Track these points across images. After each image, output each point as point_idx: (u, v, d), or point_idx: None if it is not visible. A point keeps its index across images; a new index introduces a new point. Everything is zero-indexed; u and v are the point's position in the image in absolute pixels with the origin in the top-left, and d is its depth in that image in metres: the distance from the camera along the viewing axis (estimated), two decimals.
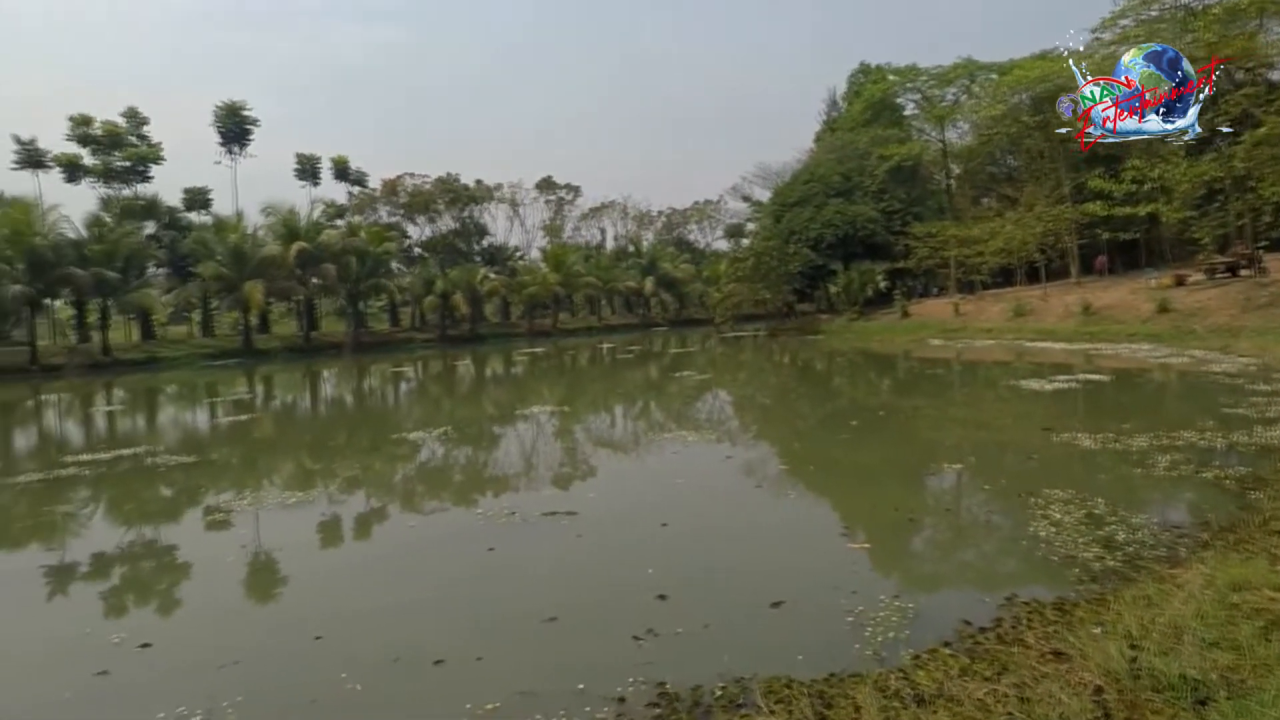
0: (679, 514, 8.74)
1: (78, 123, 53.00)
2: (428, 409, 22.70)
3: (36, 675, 5.63)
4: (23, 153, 51.91)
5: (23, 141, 51.97)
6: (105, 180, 54.25)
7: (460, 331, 57.98)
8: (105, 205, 52.63)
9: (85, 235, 46.05)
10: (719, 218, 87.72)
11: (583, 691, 4.69)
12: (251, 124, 59.60)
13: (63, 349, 45.96)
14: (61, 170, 53.11)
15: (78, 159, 53.39)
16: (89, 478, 13.07)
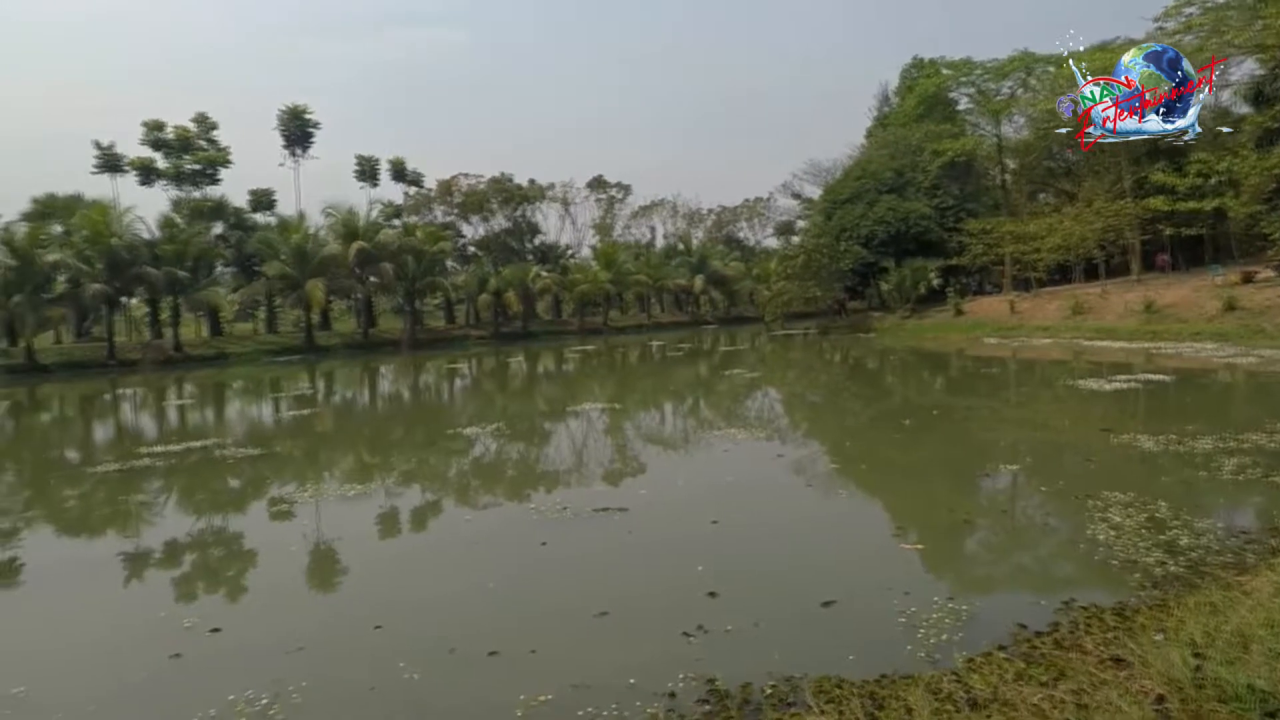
0: (729, 512, 8.71)
1: (151, 128, 54.83)
2: (481, 405, 22.98)
3: (115, 656, 5.86)
4: (102, 157, 53.91)
5: (102, 147, 53.97)
6: (176, 183, 55.99)
7: (513, 329, 58.54)
8: (176, 207, 54.37)
9: (158, 236, 47.66)
10: (769, 215, 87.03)
11: (634, 686, 4.71)
12: (313, 127, 60.91)
13: (138, 345, 47.65)
14: (136, 174, 54.98)
15: (151, 162, 55.21)
16: (162, 468, 13.54)
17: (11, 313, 40.38)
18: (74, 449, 18.00)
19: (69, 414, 26.29)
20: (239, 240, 55.82)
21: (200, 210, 54.79)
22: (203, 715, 4.61)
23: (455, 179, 68.92)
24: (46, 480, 14.04)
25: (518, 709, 4.52)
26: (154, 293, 46.87)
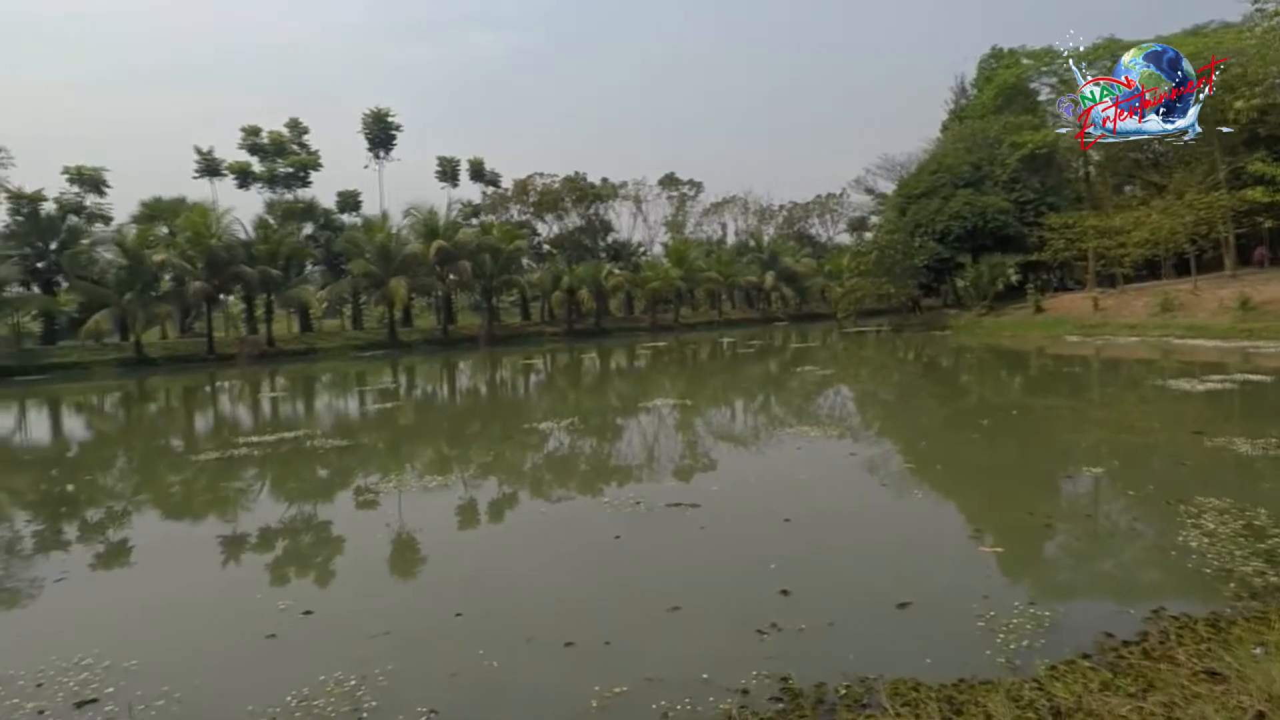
0: (801, 510, 8.61)
1: (248, 133, 57.22)
2: (555, 400, 23.24)
3: (215, 635, 6.13)
4: (202, 162, 56.53)
5: (202, 152, 56.60)
6: (270, 185, 58.31)
7: (586, 325, 59.02)
8: (270, 208, 56.60)
9: (253, 236, 49.70)
10: (841, 211, 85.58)
11: (707, 681, 4.70)
12: (395, 129, 62.52)
13: (234, 340, 49.76)
14: (234, 177, 57.45)
15: (248, 166, 57.63)
16: (257, 457, 14.12)
17: (124, 310, 42.71)
18: (178, 438, 18.92)
19: (174, 405, 27.65)
20: (327, 240, 57.80)
21: (292, 211, 56.91)
22: (296, 694, 4.78)
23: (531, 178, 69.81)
24: (154, 466, 14.81)
25: (593, 700, 4.56)
26: (249, 290, 48.92)
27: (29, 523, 10.88)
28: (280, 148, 57.94)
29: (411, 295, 53.86)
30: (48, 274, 50.54)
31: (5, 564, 8.80)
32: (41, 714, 4.75)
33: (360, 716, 4.52)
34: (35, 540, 9.80)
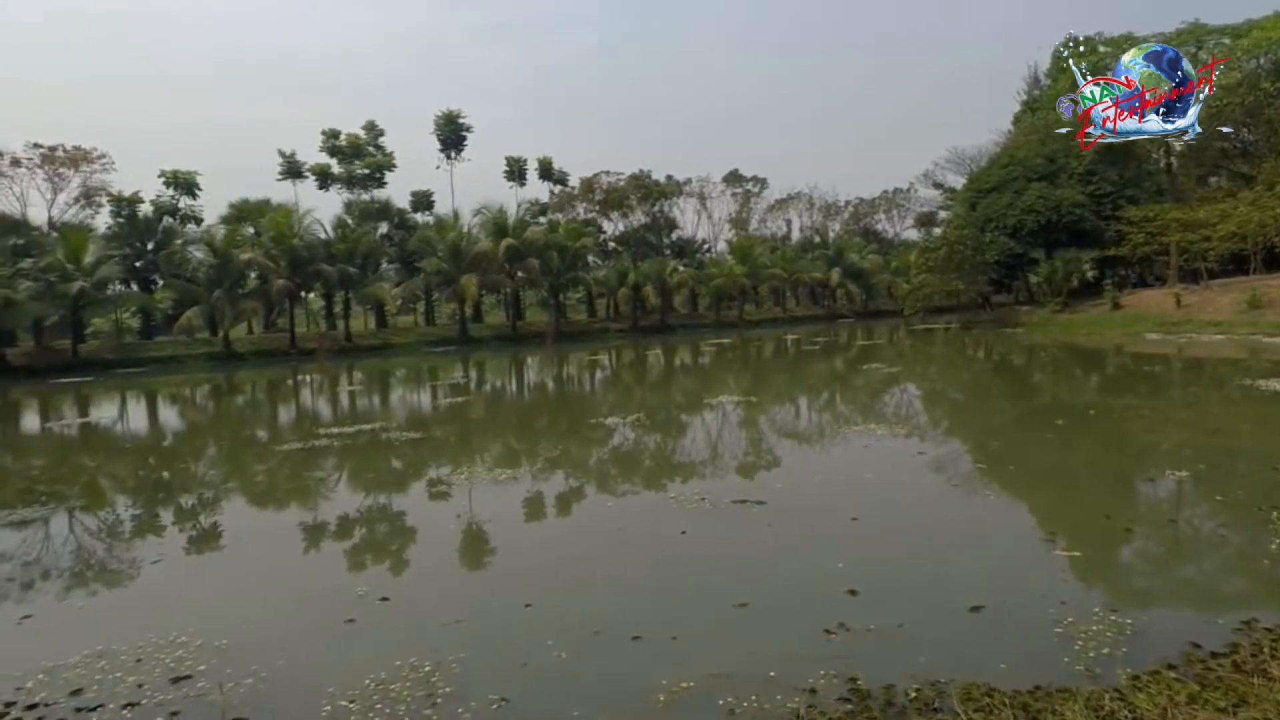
0: (869, 509, 8.45)
1: (328, 136, 58.97)
2: (621, 396, 23.33)
3: (298, 619, 6.34)
4: (285, 165, 58.52)
5: (286, 155, 58.60)
6: (348, 186, 59.97)
7: (651, 322, 59.06)
8: (347, 209, 58.22)
9: (332, 236, 51.20)
10: (908, 206, 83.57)
11: (774, 679, 4.65)
12: (466, 130, 63.56)
13: (315, 335, 51.36)
14: (315, 179, 59.30)
15: (327, 168, 59.38)
16: (336, 448, 14.55)
17: (213, 306, 44.51)
18: (263, 429, 19.64)
19: (259, 397, 28.71)
20: (401, 239, 59.17)
21: (368, 211, 58.43)
22: (374, 677, 4.91)
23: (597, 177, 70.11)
24: (241, 456, 15.40)
25: (660, 694, 4.55)
26: (329, 288, 50.44)
27: (128, 507, 11.44)
28: (357, 150, 59.52)
29: (481, 292, 54.71)
30: (145, 273, 53.06)
31: (108, 546, 9.28)
32: (140, 687, 4.98)
33: (435, 702, 4.60)
34: (134, 524, 10.29)
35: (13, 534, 9.55)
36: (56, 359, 41.72)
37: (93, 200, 53.41)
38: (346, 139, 59.17)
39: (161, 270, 50.91)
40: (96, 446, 17.91)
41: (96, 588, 7.60)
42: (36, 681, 5.11)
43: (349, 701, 4.64)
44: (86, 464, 15.57)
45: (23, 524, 10.01)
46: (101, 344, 46.70)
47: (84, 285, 41.71)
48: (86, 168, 52.24)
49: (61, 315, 43.68)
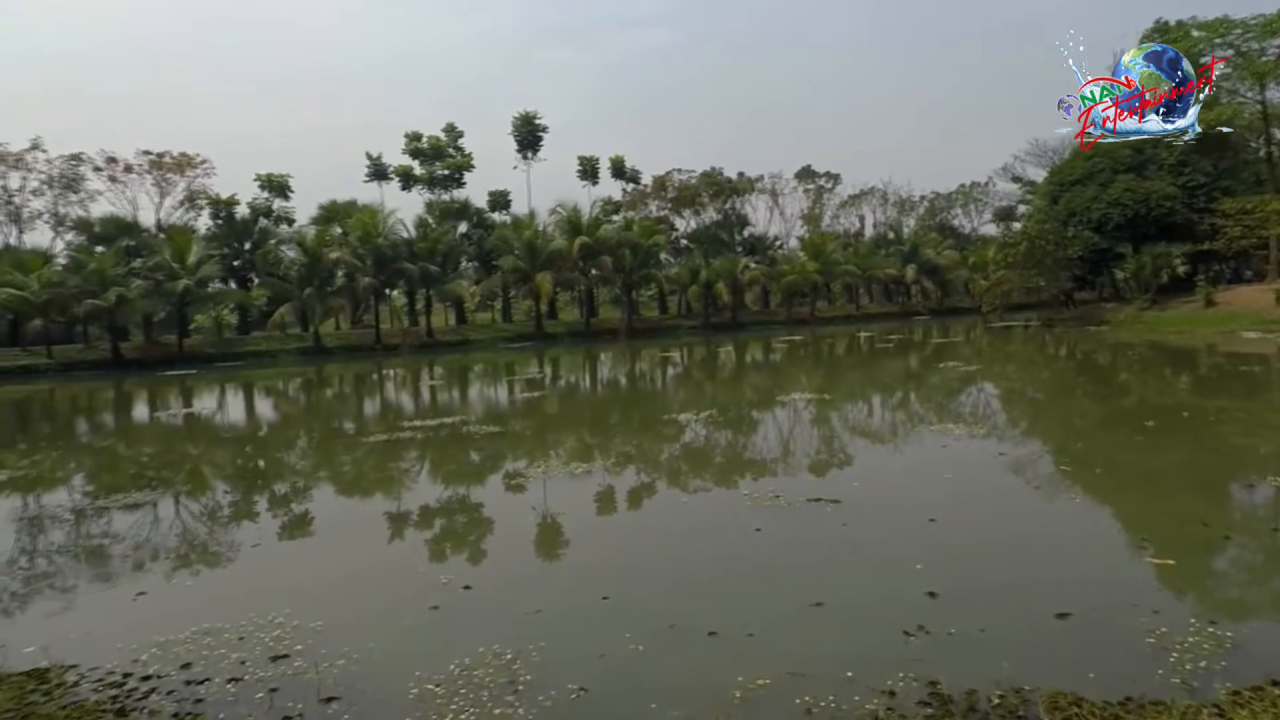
0: (947, 510, 8.22)
1: (411, 139, 60.57)
2: (692, 392, 23.29)
3: (386, 603, 6.53)
4: (371, 167, 60.39)
5: (372, 157, 60.49)
6: (429, 187, 61.49)
7: (722, 319, 58.74)
8: (428, 208, 59.69)
9: (414, 235, 52.56)
10: (986, 201, 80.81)
11: (851, 680, 4.58)
12: (542, 131, 64.32)
13: (398, 331, 52.86)
14: (399, 180, 60.99)
15: (410, 170, 61.01)
16: (419, 440, 14.94)
17: (304, 303, 46.30)
18: (350, 420, 20.31)
19: (346, 390, 29.70)
20: (480, 238, 60.33)
21: (448, 211, 59.78)
22: (458, 663, 5.02)
23: (669, 174, 70.11)
24: (330, 447, 15.95)
25: (736, 690, 4.53)
26: (411, 285, 51.83)
27: (227, 493, 11.99)
28: (438, 151, 60.94)
29: (556, 289, 55.37)
30: (242, 271, 55.54)
31: (209, 529, 9.75)
32: (243, 664, 5.21)
33: (516, 689, 4.69)
34: (233, 510, 10.79)
35: (126, 516, 10.12)
36: (163, 353, 44.05)
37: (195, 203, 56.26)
38: (428, 141, 60.64)
39: (257, 269, 53.25)
40: (199, 436, 18.84)
41: (202, 568, 8.00)
42: (150, 654, 5.41)
43: (435, 685, 4.76)
44: (190, 452, 16.38)
45: (135, 507, 10.60)
46: (203, 339, 49.06)
47: (188, 283, 43.91)
48: (190, 172, 55.07)
49: (168, 312, 46.12)
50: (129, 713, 4.57)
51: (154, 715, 4.54)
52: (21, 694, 4.78)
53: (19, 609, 6.86)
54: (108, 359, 41.99)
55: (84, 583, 7.63)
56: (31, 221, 52.30)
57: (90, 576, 7.84)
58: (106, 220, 52.68)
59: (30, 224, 52.25)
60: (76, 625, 6.29)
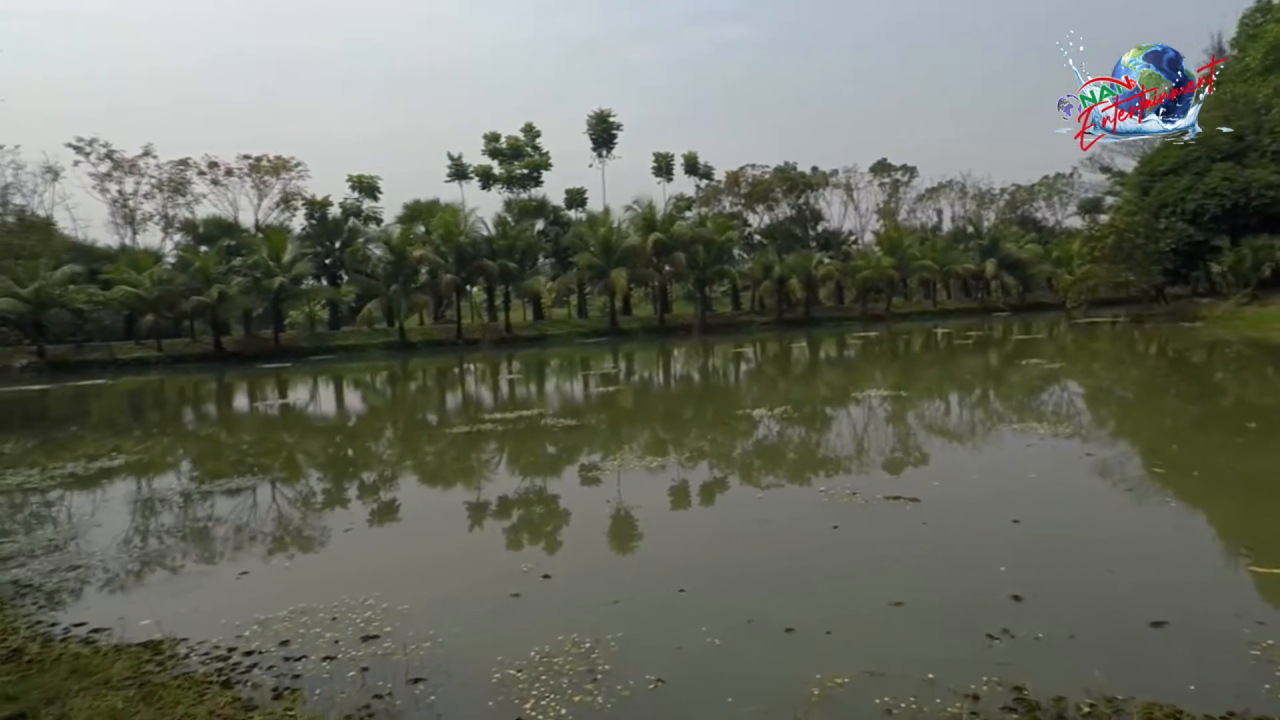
0: (1032, 511, 7.90)
1: (490, 139, 61.67)
2: (765, 388, 23.05)
3: (469, 589, 6.68)
4: (452, 167, 61.77)
5: (453, 158, 61.86)
6: (508, 186, 62.49)
7: (796, 315, 57.95)
8: (507, 207, 60.69)
9: (493, 233, 53.54)
10: (1071, 192, 77.13)
11: (932, 681, 4.45)
12: (616, 129, 64.53)
13: (478, 326, 53.97)
14: (478, 179, 62.21)
15: (489, 169, 62.12)
16: (498, 433, 15.22)
17: (390, 299, 47.73)
18: (433, 413, 20.84)
19: (429, 384, 30.50)
20: (556, 235, 61.04)
21: (526, 209, 60.66)
22: (539, 650, 5.09)
23: (742, 170, 69.47)
24: (415, 437, 16.41)
25: (814, 687, 4.46)
26: (490, 282, 52.85)
27: (319, 481, 12.46)
28: (517, 151, 61.86)
29: (631, 285, 55.60)
30: (333, 269, 57.58)
31: (304, 515, 10.15)
32: (336, 643, 5.40)
33: (595, 677, 4.72)
34: (325, 496, 11.20)
35: (228, 500, 10.63)
36: (261, 346, 46.10)
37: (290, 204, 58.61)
38: (507, 141, 61.61)
39: (346, 266, 55.14)
40: (293, 425, 19.63)
41: (298, 551, 8.33)
42: (251, 631, 5.66)
43: (516, 670, 4.83)
44: (286, 441, 17.08)
45: (236, 491, 11.12)
46: (297, 333, 51.14)
47: (283, 281, 45.80)
48: (285, 175, 57.38)
49: (265, 307, 48.22)
50: (234, 685, 4.79)
51: (256, 688, 4.74)
52: (138, 664, 5.06)
53: (134, 585, 7.27)
54: (211, 352, 44.22)
55: (191, 562, 8.04)
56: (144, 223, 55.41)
57: (197, 556, 8.25)
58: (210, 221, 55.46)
59: (143, 225, 55.37)
60: (186, 601, 6.63)
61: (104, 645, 5.41)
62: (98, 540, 8.69)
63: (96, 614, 6.20)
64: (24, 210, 45.25)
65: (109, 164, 52.53)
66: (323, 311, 57.28)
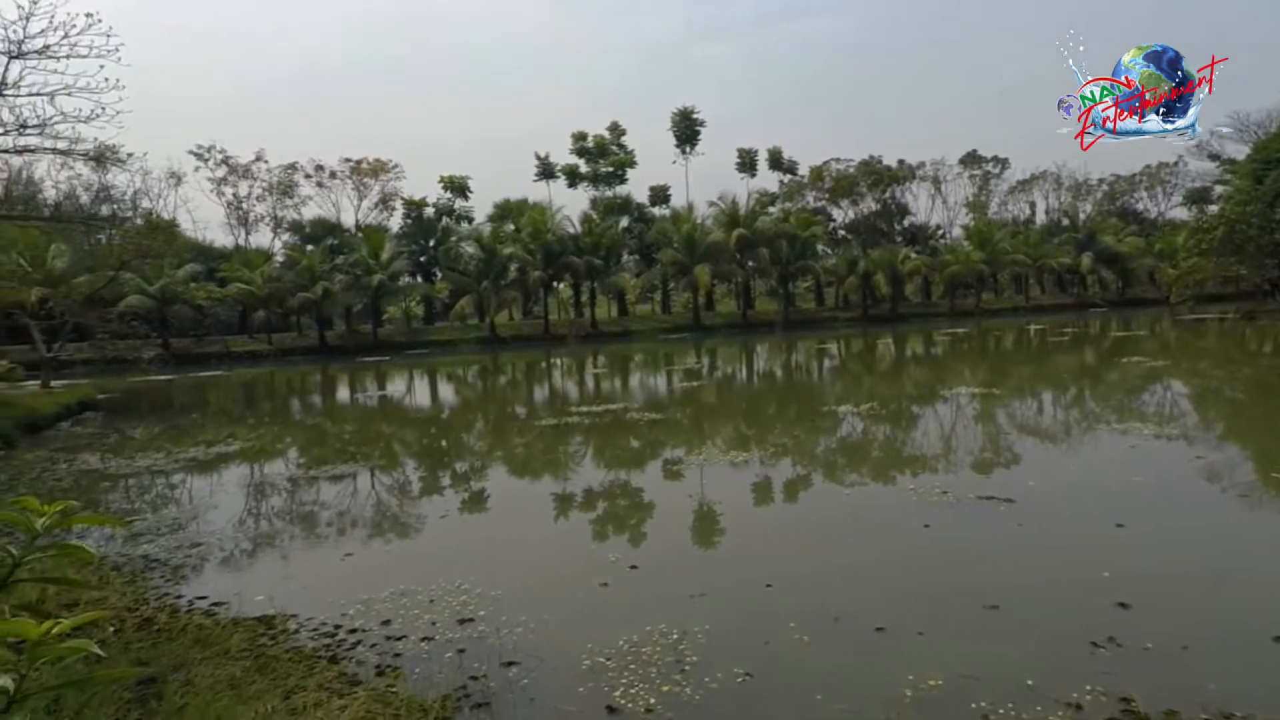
0: (1138, 515, 7.45)
1: (577, 138, 62.42)
2: (850, 385, 22.54)
3: (559, 578, 6.76)
4: (540, 166, 62.81)
5: (540, 158, 62.89)
6: (594, 184, 63.15)
7: (881, 311, 56.57)
8: (593, 205, 61.37)
9: (579, 230, 54.20)
10: (1176, 182, 72.54)
11: (1031, 688, 4.24)
12: (700, 125, 64.34)
13: (565, 322, 54.77)
14: (565, 178, 63.06)
15: (576, 168, 62.92)
16: (584, 425, 15.37)
17: (481, 295, 48.94)
18: (522, 405, 21.24)
19: (518, 377, 31.12)
20: (640, 232, 61.36)
21: (611, 207, 61.18)
22: (627, 639, 5.10)
23: (826, 164, 68.19)
24: (505, 429, 16.75)
25: (906, 688, 4.31)
26: (576, 278, 53.53)
27: (415, 469, 12.87)
28: (602, 149, 62.41)
29: (713, 281, 55.37)
30: (428, 266, 59.51)
31: (401, 502, 10.49)
32: (434, 625, 5.55)
33: (683, 669, 4.69)
34: (421, 484, 11.56)
35: (332, 486, 11.09)
36: (361, 341, 48.00)
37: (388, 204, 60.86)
38: (593, 140, 62.21)
39: (440, 264, 56.84)
40: (391, 416, 20.35)
41: (396, 535, 8.61)
42: (355, 610, 5.88)
43: (606, 659, 4.85)
44: (384, 430, 17.71)
45: (339, 478, 11.59)
46: (394, 328, 53.08)
47: (381, 278, 47.56)
48: (383, 176, 59.60)
49: (364, 303, 50.15)
50: (340, 660, 4.99)
51: (360, 665, 4.92)
52: (254, 636, 5.33)
53: (249, 563, 7.67)
54: (316, 346, 46.32)
55: (299, 543, 8.43)
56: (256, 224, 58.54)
57: (304, 537, 8.64)
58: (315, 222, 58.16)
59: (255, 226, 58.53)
60: (295, 580, 6.94)
61: (223, 618, 5.71)
62: (215, 520, 9.20)
63: (216, 588, 6.56)
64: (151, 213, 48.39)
65: (225, 169, 55.72)
66: (418, 307, 59.27)
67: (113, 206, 30.84)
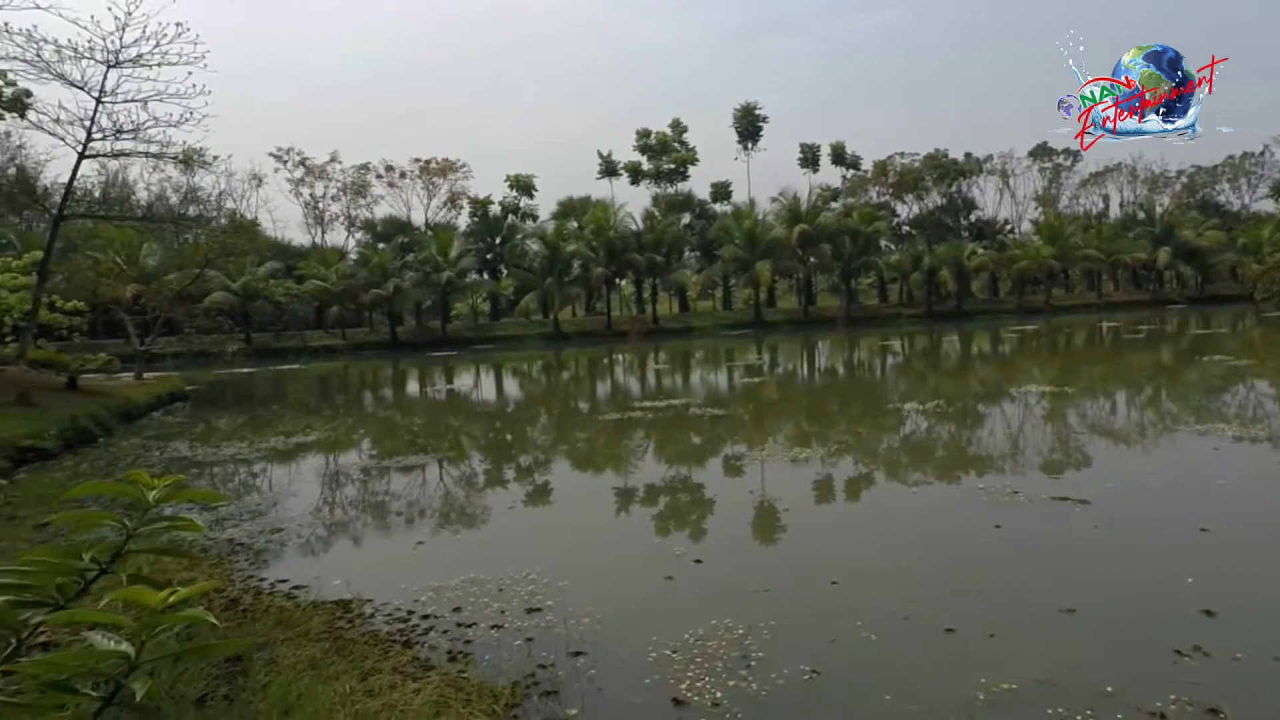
0: (1223, 520, 7.07)
1: (640, 136, 62.49)
2: (915, 383, 22.02)
3: (625, 571, 6.79)
4: (603, 164, 63.08)
5: (603, 155, 63.19)
6: (656, 181, 63.12)
7: (946, 308, 55.09)
8: (655, 202, 61.36)
9: (641, 227, 54.28)
10: (1261, 173, 68.56)
11: (1111, 695, 4.07)
12: (762, 121, 63.64)
13: (627, 318, 54.96)
14: (628, 175, 63.19)
15: (638, 166, 62.97)
16: (647, 421, 15.39)
17: (545, 292, 49.49)
18: (585, 400, 21.39)
19: (581, 373, 31.35)
20: (702, 228, 61.12)
21: (673, 204, 61.11)
22: (692, 633, 5.08)
23: (890, 159, 66.63)
24: (569, 423, 16.89)
25: (979, 691, 4.19)
26: (638, 275, 53.68)
27: (482, 462, 13.07)
28: (664, 147, 62.32)
29: (775, 278, 54.78)
30: (494, 263, 60.48)
31: (468, 493, 10.67)
32: (503, 613, 5.63)
33: (749, 664, 4.65)
34: (488, 475, 11.74)
35: (403, 476, 11.35)
36: (430, 336, 49.10)
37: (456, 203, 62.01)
38: (656, 137, 62.16)
39: (506, 261, 57.69)
40: (459, 410, 20.74)
41: (465, 525, 8.78)
42: (427, 596, 6.00)
43: (671, 651, 4.84)
44: (452, 423, 18.07)
45: (409, 469, 11.86)
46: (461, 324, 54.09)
47: (450, 275, 48.52)
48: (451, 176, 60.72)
49: (433, 299, 51.27)
50: (413, 645, 5.10)
51: (433, 650, 5.02)
52: (332, 619, 5.49)
53: (326, 549, 7.91)
54: (387, 341, 47.56)
55: (372, 530, 8.65)
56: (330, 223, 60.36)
57: (377, 526, 8.87)
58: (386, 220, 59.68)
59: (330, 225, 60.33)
60: (370, 566, 7.13)
61: (303, 600, 5.90)
62: (294, 507, 9.52)
63: (296, 572, 6.79)
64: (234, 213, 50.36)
65: (302, 170, 57.61)
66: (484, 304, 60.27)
67: (199, 207, 32.32)
